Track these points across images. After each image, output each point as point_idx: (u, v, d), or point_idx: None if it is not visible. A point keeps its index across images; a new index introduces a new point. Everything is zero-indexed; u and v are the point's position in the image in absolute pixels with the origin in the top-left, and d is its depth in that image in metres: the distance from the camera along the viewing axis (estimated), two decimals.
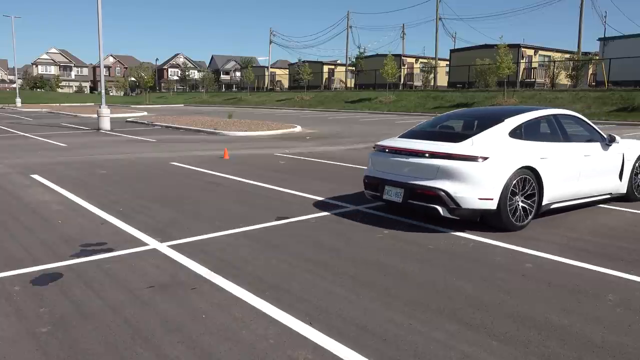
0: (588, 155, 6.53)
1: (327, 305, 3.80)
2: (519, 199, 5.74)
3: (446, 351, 3.13)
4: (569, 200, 6.41)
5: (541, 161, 5.90)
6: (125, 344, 3.20)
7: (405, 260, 4.81)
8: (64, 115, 32.25)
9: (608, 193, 6.99)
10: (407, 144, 6.09)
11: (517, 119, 6.18)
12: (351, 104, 40.61)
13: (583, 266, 4.67)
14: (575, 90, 33.00)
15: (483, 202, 5.51)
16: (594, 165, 6.61)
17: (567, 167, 6.25)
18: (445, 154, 5.63)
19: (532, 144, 6.03)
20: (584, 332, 3.39)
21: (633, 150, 7.30)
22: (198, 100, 57.90)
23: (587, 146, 6.65)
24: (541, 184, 5.88)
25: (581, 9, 43.29)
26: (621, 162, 7.06)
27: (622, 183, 7.12)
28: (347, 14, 66.36)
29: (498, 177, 5.54)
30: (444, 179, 5.56)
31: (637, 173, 7.40)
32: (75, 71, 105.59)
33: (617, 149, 6.98)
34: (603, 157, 6.78)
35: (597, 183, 6.72)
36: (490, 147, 5.69)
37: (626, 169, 7.12)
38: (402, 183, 5.87)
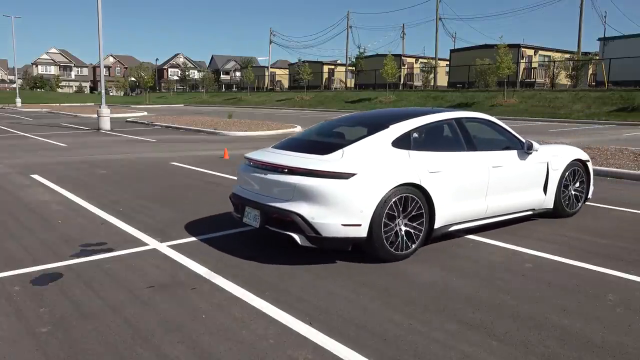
0: (499, 166, 5.53)
1: (327, 305, 3.80)
2: (401, 223, 4.74)
3: (446, 351, 3.13)
4: (474, 220, 5.43)
5: (431, 176, 4.90)
6: (125, 344, 3.20)
7: (405, 260, 4.80)
8: (64, 115, 32.25)
9: (529, 209, 6.01)
10: (270, 157, 5.01)
11: (404, 125, 5.15)
12: (351, 104, 40.60)
13: (583, 266, 4.67)
14: (575, 90, 33.00)
15: (348, 229, 4.49)
16: (508, 178, 5.63)
17: (470, 181, 5.26)
18: (304, 170, 4.58)
19: (422, 155, 4.99)
20: (584, 332, 3.39)
21: (560, 158, 6.25)
22: (198, 100, 57.90)
23: (499, 155, 5.62)
24: (431, 203, 4.88)
25: (581, 9, 43.33)
26: (545, 172, 6.06)
27: (548, 197, 6.12)
28: (347, 14, 66.42)
29: (368, 198, 4.52)
30: (301, 200, 4.53)
31: (566, 185, 6.34)
32: (75, 71, 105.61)
33: (539, 157, 5.99)
34: (520, 167, 5.79)
35: (513, 198, 5.74)
36: (362, 161, 4.69)
37: (552, 180, 6.13)
38: (259, 204, 4.81)
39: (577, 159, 6.46)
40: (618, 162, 10.40)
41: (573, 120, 25.27)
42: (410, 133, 5.12)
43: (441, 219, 5.03)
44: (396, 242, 4.72)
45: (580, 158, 6.52)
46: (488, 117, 6.01)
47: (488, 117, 6.03)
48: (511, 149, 5.84)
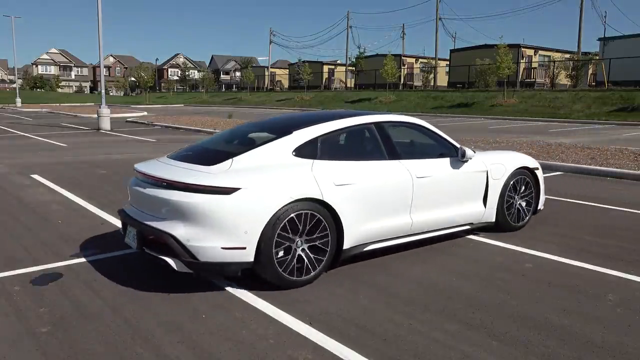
0: (426, 176, 4.89)
1: (327, 305, 3.80)
2: (300, 244, 4.11)
3: (446, 351, 3.13)
4: (397, 237, 4.80)
5: (338, 189, 4.25)
6: (125, 344, 3.20)
7: (405, 260, 4.81)
8: (63, 115, 32.25)
9: (466, 223, 5.38)
10: (155, 168, 4.35)
11: (310, 131, 4.50)
12: (351, 104, 40.60)
13: (583, 266, 4.67)
14: (575, 90, 32.99)
15: (230, 252, 3.86)
16: (438, 190, 5.01)
17: (389, 194, 4.63)
18: (180, 184, 3.95)
19: (329, 165, 4.35)
20: (584, 332, 3.39)
21: (502, 166, 5.59)
22: (198, 100, 57.90)
23: (427, 164, 4.98)
24: (339, 220, 4.25)
25: (581, 9, 43.33)
26: (484, 182, 5.43)
27: (488, 209, 5.49)
28: (347, 14, 66.45)
29: (254, 216, 3.88)
30: (177, 219, 3.91)
31: (511, 196, 5.69)
32: (75, 71, 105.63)
33: (476, 166, 5.36)
34: (453, 177, 5.15)
35: (445, 212, 5.11)
36: (250, 173, 4.04)
37: (492, 191, 5.48)
38: (137, 223, 4.17)
39: (523, 166, 5.79)
40: (618, 162, 10.41)
41: (573, 120, 25.26)
42: (317, 140, 4.47)
43: (352, 239, 4.38)
44: (293, 267, 4.06)
45: (527, 166, 5.84)
46: (416, 121, 5.28)
47: (417, 121, 5.30)
48: (445, 156, 5.19)
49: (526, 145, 13.54)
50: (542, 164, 10.53)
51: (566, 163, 10.43)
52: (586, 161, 10.63)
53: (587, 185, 8.83)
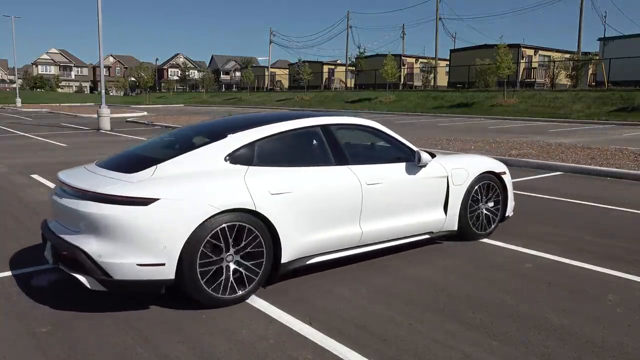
0: (378, 182, 4.53)
1: (327, 305, 3.80)
2: (230, 259, 3.78)
3: (446, 351, 3.13)
4: (345, 249, 4.45)
5: (274, 198, 3.90)
6: (125, 344, 3.20)
7: (404, 260, 4.81)
8: (64, 115, 32.26)
9: (425, 232, 5.03)
10: (75, 177, 3.99)
11: (246, 135, 4.14)
12: (351, 104, 40.60)
13: (583, 266, 4.67)
14: (575, 90, 33.00)
15: (147, 269, 3.51)
16: (392, 197, 4.66)
17: (334, 202, 4.27)
18: (95, 194, 3.58)
19: (265, 172, 4.00)
20: (584, 332, 3.39)
21: (465, 171, 5.24)
22: (198, 100, 57.90)
23: (379, 170, 4.62)
24: (275, 232, 3.91)
25: (581, 9, 43.32)
26: (445, 188, 5.09)
27: (450, 217, 5.15)
28: (347, 14, 66.49)
29: (174, 230, 3.53)
30: (90, 233, 3.56)
31: (475, 202, 5.35)
32: (75, 71, 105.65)
33: (436, 171, 5.01)
34: (410, 184, 4.79)
35: (400, 221, 4.75)
36: (171, 181, 3.69)
37: (454, 197, 5.14)
38: (53, 236, 3.81)
39: (488, 171, 5.44)
40: (618, 162, 10.41)
41: (573, 120, 25.26)
42: (253, 144, 4.11)
43: (291, 251, 4.04)
44: (222, 284, 3.73)
45: (493, 170, 5.50)
46: (369, 124, 4.92)
47: (369, 123, 4.93)
48: (401, 161, 4.85)
49: (526, 145, 13.54)
50: (542, 164, 10.58)
51: (566, 163, 10.43)
52: (586, 161, 10.63)
53: (587, 185, 8.83)
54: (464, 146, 13.30)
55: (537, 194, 7.97)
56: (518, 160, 11.03)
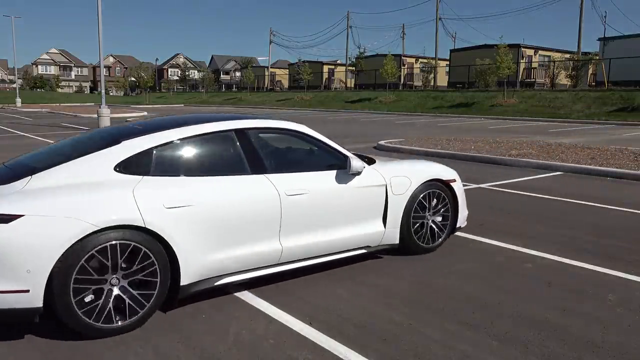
0: (301, 193, 4.07)
1: (327, 305, 3.80)
2: (116, 283, 3.33)
3: (446, 351, 3.13)
4: (261, 268, 3.98)
5: (169, 213, 3.45)
6: (125, 344, 3.20)
7: (404, 260, 4.81)
8: (64, 116, 32.25)
9: (361, 247, 4.56)
10: None
11: (142, 141, 3.69)
12: (351, 104, 40.62)
13: (583, 266, 4.67)
14: (575, 90, 33.02)
15: (9, 297, 3.05)
16: (318, 209, 4.19)
17: (246, 216, 3.81)
18: None
19: (162, 183, 3.55)
20: (584, 332, 3.39)
21: (407, 179, 4.76)
22: (198, 100, 57.92)
23: (303, 179, 4.15)
24: (171, 251, 3.45)
25: (581, 9, 43.34)
26: (383, 198, 4.61)
27: (390, 229, 4.67)
28: (347, 14, 66.50)
29: (39, 251, 3.06)
30: None
31: (419, 213, 4.87)
32: (75, 71, 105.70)
33: (372, 179, 4.54)
34: (340, 194, 4.32)
35: (330, 235, 4.29)
36: (42, 196, 3.21)
37: (394, 208, 4.66)
38: None
39: (434, 179, 4.97)
40: (618, 162, 10.41)
41: (573, 120, 25.27)
42: (150, 152, 3.65)
43: (193, 272, 3.58)
44: (105, 311, 3.26)
45: (441, 177, 5.02)
46: (294, 127, 4.40)
47: (295, 126, 4.41)
48: (333, 169, 4.38)
49: (526, 145, 13.54)
50: (542, 164, 10.57)
51: (566, 163, 10.43)
52: (586, 161, 10.62)
53: (587, 185, 8.83)
54: (464, 146, 13.30)
55: (537, 194, 7.97)
56: (518, 160, 11.03)
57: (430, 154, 12.56)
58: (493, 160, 11.39)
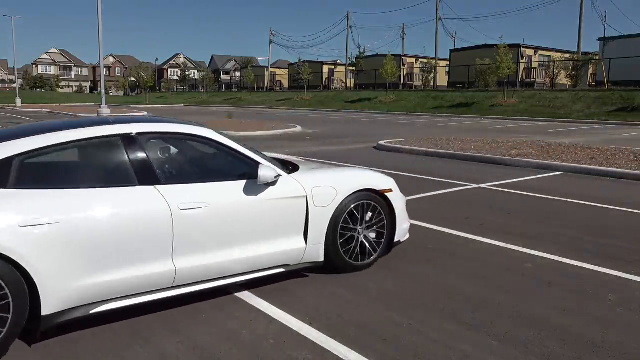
0: (198, 207, 3.58)
1: (327, 305, 3.80)
2: None
3: (446, 351, 3.13)
4: (150, 292, 3.51)
5: (25, 233, 3.00)
6: (126, 344, 3.20)
7: (405, 260, 4.81)
8: (64, 115, 32.25)
9: (278, 265, 4.06)
10: None
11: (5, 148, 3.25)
12: (351, 104, 40.62)
13: (583, 266, 4.67)
14: (575, 90, 33.02)
15: None
16: (221, 224, 3.71)
17: (128, 233, 3.35)
18: None
19: (24, 197, 3.11)
20: (584, 332, 3.39)
21: (333, 189, 4.22)
22: (198, 100, 57.92)
23: (202, 191, 3.66)
24: (28, 277, 3.00)
25: (581, 9, 43.34)
26: (304, 211, 4.09)
27: (313, 246, 4.16)
28: (347, 14, 66.51)
29: None
30: None
31: (348, 226, 4.35)
32: (75, 71, 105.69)
33: (288, 190, 4.02)
34: (250, 207, 3.83)
35: (236, 253, 3.80)
36: None
37: (317, 222, 4.14)
38: None
39: (366, 189, 4.43)
40: (618, 162, 10.41)
41: (573, 120, 25.28)
42: (9, 161, 3.18)
43: (58, 301, 3.11)
44: None
45: (374, 187, 4.50)
46: (195, 132, 3.89)
47: (196, 130, 3.90)
48: (242, 178, 3.89)
49: (526, 145, 13.54)
50: (542, 164, 10.57)
51: (566, 163, 10.43)
52: (586, 161, 10.62)
53: (587, 185, 8.83)
54: (464, 146, 13.30)
55: (537, 194, 7.97)
56: (518, 160, 11.03)
57: (430, 154, 12.57)
58: (493, 160, 11.39)
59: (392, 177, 4.94)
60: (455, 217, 6.42)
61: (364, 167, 4.21)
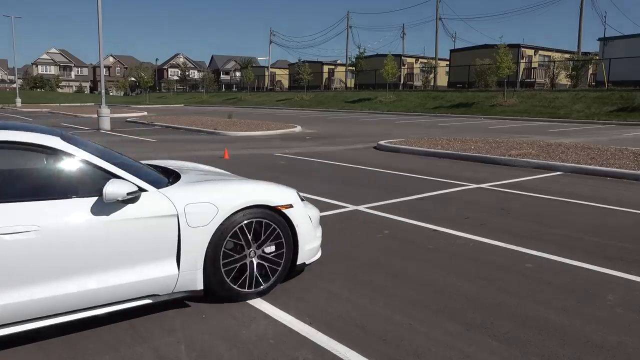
0: (24, 230, 3.03)
1: (326, 305, 3.80)
2: None
3: (446, 351, 3.13)
4: None
5: None
6: (126, 344, 3.20)
7: (405, 260, 4.81)
8: (63, 115, 32.26)
9: (142, 296, 3.50)
10: None
11: None
12: (351, 104, 40.62)
13: (583, 266, 4.67)
14: (575, 90, 33.02)
15: None
16: (60, 250, 3.14)
17: None
18: None
19: None
20: (584, 332, 3.39)
21: (212, 206, 3.62)
22: (198, 100, 57.92)
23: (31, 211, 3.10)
24: None
25: (581, 9, 43.34)
26: (175, 233, 3.51)
27: (187, 273, 3.57)
28: (347, 14, 66.58)
29: None
30: None
31: (237, 249, 3.75)
32: (75, 71, 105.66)
33: (152, 208, 3.45)
34: (99, 229, 3.26)
35: (83, 284, 3.24)
36: None
37: (190, 245, 3.55)
38: None
39: (258, 204, 3.82)
40: (618, 162, 10.41)
41: (573, 120, 25.29)
42: None
43: None
44: None
45: (268, 203, 3.86)
46: (39, 140, 3.33)
47: (41, 139, 3.35)
48: (93, 195, 3.32)
49: (526, 145, 13.55)
50: (542, 164, 10.58)
51: (566, 163, 10.43)
52: (586, 161, 10.62)
53: (587, 185, 8.83)
54: (464, 146, 13.30)
55: (537, 194, 7.97)
56: (518, 160, 11.03)
57: (431, 154, 12.57)
58: (493, 160, 11.39)
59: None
60: (455, 217, 6.42)
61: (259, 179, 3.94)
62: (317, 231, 4.36)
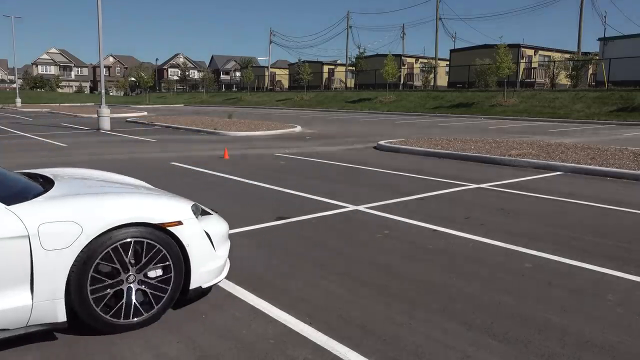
0: None
1: (327, 305, 3.80)
2: None
3: (446, 351, 3.13)
4: None
5: None
6: (125, 344, 3.20)
7: (405, 260, 4.81)
8: (63, 115, 32.26)
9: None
10: None
11: None
12: (351, 104, 40.61)
13: (583, 266, 4.67)
14: (575, 90, 33.02)
15: None
16: None
17: None
18: None
19: None
20: (584, 332, 3.39)
21: (75, 225, 3.10)
22: (198, 100, 57.90)
23: None
24: None
25: (581, 9, 43.33)
26: (27, 258, 3.00)
27: (44, 303, 3.06)
28: (347, 14, 66.62)
29: None
30: None
31: (110, 274, 3.26)
32: (75, 71, 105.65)
33: None
34: None
35: None
36: None
37: (44, 272, 3.03)
38: None
39: (137, 222, 3.31)
40: (618, 162, 10.41)
41: (573, 120, 25.29)
42: None
43: None
44: None
45: (149, 220, 3.35)
46: None
47: None
48: None
49: (526, 145, 13.55)
50: (542, 164, 10.58)
51: (566, 163, 10.43)
52: (586, 161, 10.62)
53: (587, 185, 8.83)
54: (464, 146, 13.30)
55: (537, 194, 7.97)
56: (518, 160, 11.03)
57: (431, 154, 12.57)
58: (493, 160, 11.39)
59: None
60: (455, 217, 6.42)
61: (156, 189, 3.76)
62: (221, 249, 3.79)
